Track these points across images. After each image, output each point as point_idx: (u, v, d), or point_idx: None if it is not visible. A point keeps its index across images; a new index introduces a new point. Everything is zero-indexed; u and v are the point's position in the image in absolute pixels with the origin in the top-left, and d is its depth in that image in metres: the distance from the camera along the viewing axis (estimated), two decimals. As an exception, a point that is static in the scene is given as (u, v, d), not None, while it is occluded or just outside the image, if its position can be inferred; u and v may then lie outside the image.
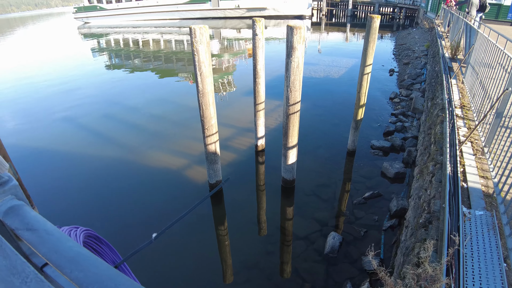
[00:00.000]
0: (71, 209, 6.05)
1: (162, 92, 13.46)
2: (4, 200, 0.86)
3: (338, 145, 8.00)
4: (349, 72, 14.66)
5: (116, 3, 51.21)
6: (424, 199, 4.49)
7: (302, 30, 4.37)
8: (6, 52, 30.34)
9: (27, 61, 23.52)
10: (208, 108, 4.97)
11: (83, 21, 58.56)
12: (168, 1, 45.62)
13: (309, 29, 32.68)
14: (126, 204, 6.17)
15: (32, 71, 19.65)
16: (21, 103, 12.88)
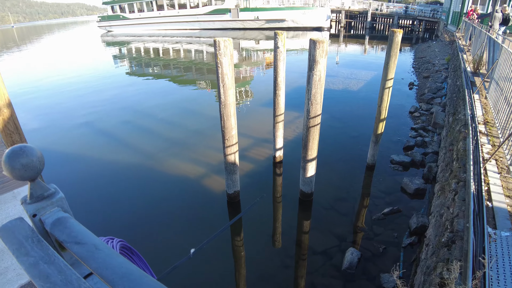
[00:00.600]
0: (91, 216, 6.17)
1: (181, 100, 13.69)
2: (51, 212, 0.90)
3: (357, 159, 7.93)
4: (368, 85, 14.57)
5: (139, 13, 52.76)
6: (446, 217, 4.39)
7: (325, 44, 4.40)
8: (32, 58, 31.49)
9: (51, 66, 24.41)
10: (229, 119, 5.04)
11: (106, 29, 60.62)
12: (189, 11, 46.64)
13: (328, 40, 32.69)
14: (145, 211, 6.25)
15: (55, 75, 20.38)
16: (43, 107, 13.36)
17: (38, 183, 0.91)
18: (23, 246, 0.74)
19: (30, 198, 0.89)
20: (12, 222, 0.83)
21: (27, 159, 0.84)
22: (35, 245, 0.74)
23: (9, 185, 4.40)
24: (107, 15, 58.56)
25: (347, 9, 46.20)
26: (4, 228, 0.81)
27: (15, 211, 3.81)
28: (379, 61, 20.71)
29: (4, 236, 0.80)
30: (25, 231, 0.79)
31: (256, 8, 42.58)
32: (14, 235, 0.78)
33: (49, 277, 0.66)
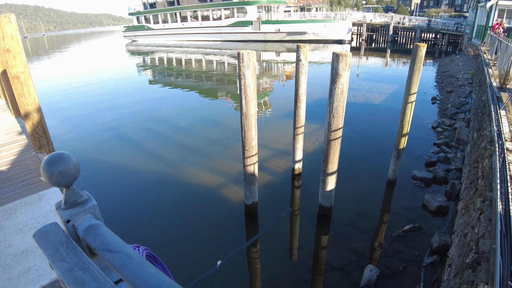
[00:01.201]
0: (112, 221, 6.28)
1: (201, 109, 13.88)
2: (84, 219, 0.93)
3: (377, 174, 7.79)
4: (390, 99, 14.39)
5: (163, 24, 54.25)
6: (471, 237, 4.23)
7: (348, 58, 4.40)
8: (60, 65, 32.70)
9: (78, 74, 25.29)
10: (250, 130, 5.07)
11: (131, 39, 62.58)
12: (212, 23, 47.62)
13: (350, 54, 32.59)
14: (163, 219, 6.31)
15: (81, 83, 21.12)
16: (69, 113, 13.82)
17: (73, 190, 0.94)
18: (59, 251, 0.77)
19: (64, 204, 0.92)
20: (47, 227, 0.86)
21: (64, 166, 0.87)
22: (70, 251, 0.76)
23: (35, 187, 4.55)
24: (132, 25, 60.58)
25: (369, 22, 46.03)
26: (40, 233, 0.84)
27: (39, 212, 3.93)
28: (400, 74, 20.47)
29: (39, 240, 0.83)
30: (60, 236, 0.82)
31: (278, 21, 43.05)
32: (49, 240, 0.81)
33: (84, 284, 0.68)
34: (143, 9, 56.78)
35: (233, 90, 17.66)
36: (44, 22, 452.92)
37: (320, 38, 40.91)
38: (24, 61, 4.90)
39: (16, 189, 4.54)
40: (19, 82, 4.90)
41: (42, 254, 3.26)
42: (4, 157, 5.60)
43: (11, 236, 3.54)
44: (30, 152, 5.70)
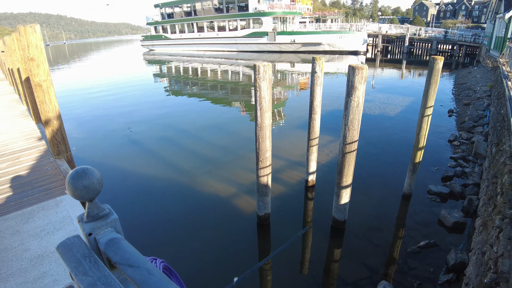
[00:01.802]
0: (125, 231, 6.34)
1: (215, 118, 14.00)
2: (106, 232, 0.95)
3: (392, 187, 7.67)
4: (405, 111, 14.23)
5: (180, 34, 55.34)
6: (489, 256, 4.12)
7: (364, 70, 4.40)
8: (79, 72, 33.57)
9: (96, 81, 25.99)
10: (264, 141, 5.09)
11: (149, 48, 64.01)
12: (228, 34, 48.33)
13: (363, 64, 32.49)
14: (175, 228, 6.35)
15: (99, 90, 21.66)
16: (86, 119, 14.13)
17: (95, 204, 0.97)
18: (81, 264, 0.79)
19: (87, 217, 0.95)
20: (70, 239, 0.89)
21: (88, 181, 0.90)
22: (93, 265, 0.78)
23: (52, 192, 4.65)
24: (150, 35, 61.97)
25: (384, 34, 45.87)
26: (63, 245, 0.86)
27: (56, 218, 4.01)
28: (416, 86, 20.25)
29: (62, 252, 0.85)
30: (82, 249, 0.84)
31: (293, 32, 43.32)
32: (72, 253, 0.83)
33: (107, 299, 0.70)
34: (161, 19, 58.06)
35: (247, 99, 17.77)
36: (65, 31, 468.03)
37: (335, 49, 40.93)
38: (47, 70, 5.06)
39: (34, 193, 4.65)
40: (41, 90, 5.06)
41: (58, 259, 3.32)
42: (24, 162, 5.76)
43: (28, 240, 3.62)
44: (49, 158, 5.84)
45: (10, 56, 10.05)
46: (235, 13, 46.81)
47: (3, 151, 6.39)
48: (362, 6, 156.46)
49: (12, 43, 8.99)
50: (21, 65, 7.88)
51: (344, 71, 27.71)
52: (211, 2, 49.59)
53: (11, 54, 9.72)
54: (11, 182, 5.03)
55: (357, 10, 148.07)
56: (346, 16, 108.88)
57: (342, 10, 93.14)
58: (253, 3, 45.01)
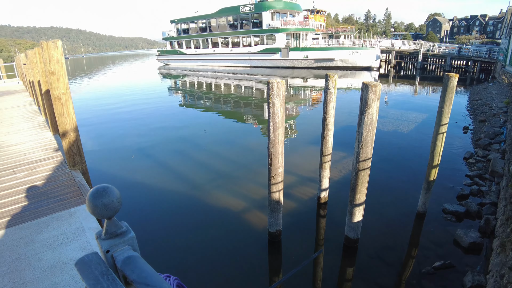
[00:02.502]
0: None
1: (228, 132, 14.10)
2: (123, 250, 0.97)
3: (406, 205, 7.53)
4: (419, 128, 14.07)
5: (195, 49, 56.57)
6: (508, 279, 3.98)
7: (377, 88, 4.40)
8: (95, 85, 34.38)
9: (111, 93, 26.58)
10: (277, 156, 5.10)
11: (164, 62, 65.56)
12: (242, 50, 49.20)
13: (377, 80, 32.48)
14: (186, 243, 6.33)
15: (114, 102, 22.13)
16: (101, 131, 14.39)
17: (114, 221, 0.99)
18: (99, 282, 0.80)
19: (105, 234, 0.97)
20: (89, 256, 0.90)
21: (108, 199, 0.93)
22: (110, 283, 0.79)
23: (67, 203, 4.71)
24: (165, 50, 63.55)
25: (397, 49, 45.84)
26: (82, 262, 0.88)
27: (70, 228, 4.05)
28: (430, 102, 20.06)
29: (81, 269, 0.86)
30: (100, 267, 0.86)
31: (306, 48, 43.72)
32: (90, 270, 0.85)
33: (124, 317, 0.71)
34: (176, 34, 59.62)
35: (259, 114, 17.87)
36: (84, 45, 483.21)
37: (348, 65, 41.06)
38: (66, 83, 5.21)
39: (49, 204, 4.72)
40: (60, 103, 5.20)
41: (70, 271, 3.35)
42: (41, 172, 5.88)
43: (41, 250, 3.66)
44: (64, 169, 5.95)
45: (32, 69, 10.39)
46: (249, 30, 47.68)
47: (22, 161, 6.55)
48: (375, 22, 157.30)
49: (34, 56, 9.30)
50: (41, 78, 8.13)
51: (357, 87, 27.70)
52: (226, 18, 50.71)
53: (32, 67, 10.06)
54: (28, 191, 5.13)
55: (370, 26, 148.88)
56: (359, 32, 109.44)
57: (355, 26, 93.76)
58: (267, 19, 45.78)
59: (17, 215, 4.41)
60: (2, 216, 4.41)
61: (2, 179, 5.65)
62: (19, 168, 6.14)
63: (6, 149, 7.40)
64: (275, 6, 45.47)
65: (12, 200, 4.84)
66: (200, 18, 54.62)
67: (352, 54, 40.16)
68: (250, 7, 46.93)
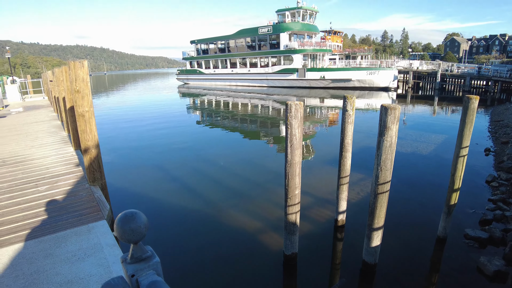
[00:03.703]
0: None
1: (244, 151, 14.17)
2: (147, 274, 0.98)
3: (426, 229, 7.30)
4: (438, 149, 13.79)
5: (213, 69, 58.06)
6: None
7: (396, 110, 4.38)
8: (116, 101, 35.32)
9: (131, 110, 27.20)
10: (294, 178, 5.08)
11: (184, 81, 67.37)
12: (259, 70, 50.14)
13: (394, 101, 32.23)
14: (202, 265, 6.29)
15: (133, 119, 22.63)
16: (120, 147, 14.68)
17: (140, 246, 1.01)
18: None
19: (130, 259, 0.99)
20: (115, 280, 0.92)
21: (135, 225, 0.95)
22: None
23: (85, 218, 4.78)
24: (185, 69, 65.46)
25: (415, 70, 45.59)
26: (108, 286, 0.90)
27: (87, 244, 4.09)
28: (449, 123, 19.72)
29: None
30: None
31: (323, 68, 44.06)
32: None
33: None
34: (196, 54, 61.47)
35: (275, 133, 17.92)
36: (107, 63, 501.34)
37: (365, 85, 41.01)
38: (90, 102, 5.39)
39: (68, 218, 4.80)
40: (84, 120, 5.37)
41: (86, 286, 3.37)
42: (61, 186, 6.02)
43: (59, 265, 3.70)
44: (84, 184, 6.07)
45: (58, 86, 10.82)
46: (266, 51, 48.59)
47: (44, 174, 6.73)
48: (392, 42, 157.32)
49: (61, 74, 9.70)
50: (66, 95, 8.44)
51: (374, 107, 27.53)
52: (244, 39, 51.94)
53: (58, 84, 10.48)
54: (48, 205, 5.24)
55: (387, 47, 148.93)
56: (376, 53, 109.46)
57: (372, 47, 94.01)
58: (285, 41, 46.56)
59: (37, 228, 4.50)
60: (24, 228, 4.51)
61: (25, 192, 5.81)
62: (42, 181, 6.31)
63: (30, 162, 7.64)
64: (292, 27, 46.27)
65: (33, 213, 4.96)
66: (219, 39, 56.18)
67: (369, 75, 40.16)
68: (268, 29, 47.95)
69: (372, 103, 30.02)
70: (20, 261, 3.75)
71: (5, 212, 5.05)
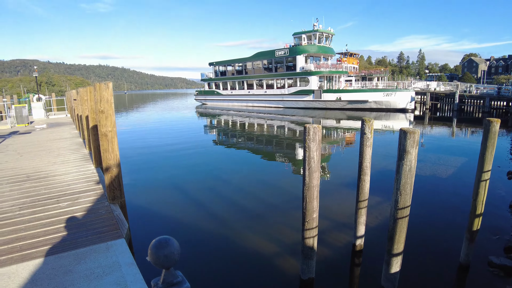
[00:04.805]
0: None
1: (260, 172, 14.18)
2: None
3: (447, 256, 7.05)
4: (458, 172, 13.46)
5: (230, 90, 59.33)
6: None
7: (416, 134, 4.35)
8: (135, 120, 36.13)
9: (149, 128, 27.78)
10: (311, 201, 5.04)
11: (202, 102, 68.97)
12: (275, 91, 50.94)
13: (412, 122, 31.87)
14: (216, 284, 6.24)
15: (152, 136, 23.20)
16: (138, 165, 14.89)
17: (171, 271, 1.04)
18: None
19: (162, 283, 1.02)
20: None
21: (168, 251, 1.00)
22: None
23: (104, 236, 4.83)
24: (203, 90, 67.26)
25: (432, 91, 45.16)
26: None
27: (106, 262, 4.12)
28: (469, 145, 19.31)
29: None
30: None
31: (339, 90, 44.23)
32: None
33: None
34: (214, 76, 63.25)
35: (291, 154, 17.91)
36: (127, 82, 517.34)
37: (382, 106, 40.80)
38: (113, 122, 5.57)
39: (88, 235, 4.86)
40: (106, 139, 5.53)
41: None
42: (82, 203, 6.14)
43: (78, 281, 3.74)
44: (104, 202, 6.18)
45: (81, 105, 11.21)
46: (283, 73, 49.35)
47: (65, 191, 6.88)
48: (409, 64, 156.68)
49: (85, 94, 10.06)
50: (90, 114, 8.71)
51: (391, 128, 27.26)
52: (261, 62, 52.99)
53: (82, 103, 10.85)
54: (68, 221, 5.33)
55: (404, 68, 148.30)
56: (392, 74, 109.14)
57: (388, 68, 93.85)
58: (301, 63, 47.21)
59: (57, 244, 4.57)
60: (45, 243, 4.59)
61: (47, 207, 5.95)
62: (63, 198, 6.46)
63: (52, 178, 7.85)
64: (308, 50, 46.92)
65: (54, 229, 5.05)
66: (237, 61, 57.59)
67: (386, 96, 40.03)
68: (284, 51, 48.81)
69: (390, 125, 29.75)
70: (40, 276, 3.80)
71: (27, 226, 5.17)
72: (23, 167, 9.20)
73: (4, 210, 5.90)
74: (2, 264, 4.08)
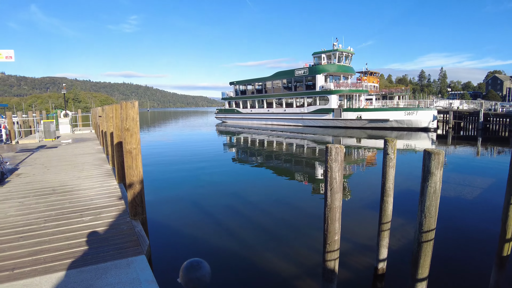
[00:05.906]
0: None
1: (279, 190, 14.08)
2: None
3: (475, 282, 6.71)
4: (485, 194, 12.95)
5: (250, 109, 60.20)
6: None
7: (441, 156, 4.25)
8: (157, 136, 36.85)
9: (170, 145, 28.24)
10: (333, 223, 4.95)
11: (222, 120, 70.17)
12: (295, 110, 51.25)
13: (434, 142, 31.14)
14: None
15: (173, 153, 23.53)
16: (157, 179, 15.17)
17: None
18: None
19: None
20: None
21: (200, 274, 1.03)
22: None
23: (125, 252, 4.87)
24: (223, 108, 68.71)
25: (455, 110, 44.17)
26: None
27: (126, 278, 4.15)
28: (496, 165, 18.64)
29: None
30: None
31: (359, 109, 43.96)
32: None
33: None
34: (234, 95, 64.73)
35: (311, 173, 17.75)
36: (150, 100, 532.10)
37: (403, 125, 40.15)
38: (138, 139, 5.71)
39: (109, 250, 4.92)
40: (131, 156, 5.67)
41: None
42: (104, 218, 6.25)
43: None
44: (125, 218, 6.27)
45: (106, 121, 11.56)
46: (302, 91, 49.67)
47: (89, 205, 7.04)
48: (430, 82, 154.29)
49: (110, 111, 10.39)
50: (114, 131, 8.98)
51: (414, 148, 26.69)
52: (281, 81, 53.65)
53: (107, 120, 11.20)
54: (91, 236, 5.42)
55: (425, 86, 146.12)
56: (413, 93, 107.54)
57: (409, 87, 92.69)
58: (320, 82, 47.42)
59: (80, 258, 4.64)
60: (67, 257, 4.67)
61: (71, 221, 6.09)
62: (86, 212, 6.61)
63: (76, 193, 8.07)
64: (328, 69, 47.14)
65: (77, 243, 5.15)
66: (257, 80, 58.61)
67: (408, 115, 39.42)
68: (304, 71, 49.24)
69: (412, 144, 29.15)
70: (62, 290, 3.86)
71: (51, 239, 5.29)
72: (49, 180, 9.51)
73: (30, 222, 6.09)
74: (26, 276, 4.17)
